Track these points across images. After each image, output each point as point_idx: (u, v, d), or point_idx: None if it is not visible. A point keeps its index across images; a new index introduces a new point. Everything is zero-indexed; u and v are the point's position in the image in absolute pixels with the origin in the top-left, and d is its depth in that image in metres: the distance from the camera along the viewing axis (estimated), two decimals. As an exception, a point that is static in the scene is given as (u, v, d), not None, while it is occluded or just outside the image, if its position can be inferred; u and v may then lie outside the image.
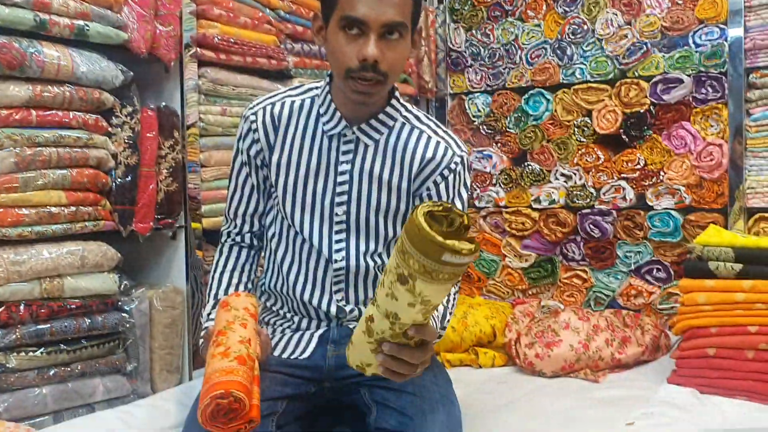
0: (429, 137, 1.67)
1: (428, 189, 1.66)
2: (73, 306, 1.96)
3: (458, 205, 1.66)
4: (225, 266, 1.76)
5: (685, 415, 1.83)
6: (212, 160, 2.38)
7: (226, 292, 1.72)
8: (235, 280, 1.75)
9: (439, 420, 1.49)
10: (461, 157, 1.67)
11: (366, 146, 1.65)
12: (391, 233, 1.68)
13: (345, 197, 1.65)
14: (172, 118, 2.20)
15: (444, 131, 1.70)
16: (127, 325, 2.08)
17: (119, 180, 2.08)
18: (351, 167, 1.65)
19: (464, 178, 1.68)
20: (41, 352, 1.90)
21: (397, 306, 1.20)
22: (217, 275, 1.76)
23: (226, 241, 1.79)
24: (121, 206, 2.08)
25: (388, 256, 1.70)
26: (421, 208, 1.12)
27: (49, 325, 1.91)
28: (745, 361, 1.98)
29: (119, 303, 2.08)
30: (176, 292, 2.25)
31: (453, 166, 1.65)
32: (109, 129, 2.05)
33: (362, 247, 1.67)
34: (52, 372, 1.93)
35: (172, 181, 2.20)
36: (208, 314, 1.69)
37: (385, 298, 1.20)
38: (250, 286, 1.77)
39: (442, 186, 1.65)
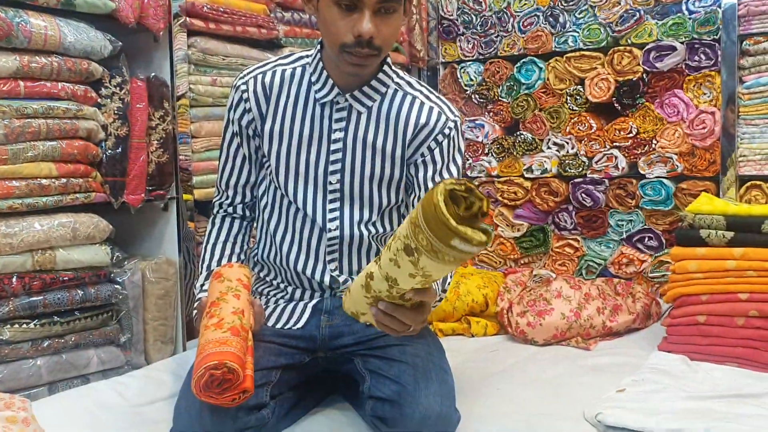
0: (422, 103, 1.66)
1: (423, 155, 1.65)
2: (65, 278, 1.96)
3: (453, 170, 1.67)
4: (217, 237, 1.76)
5: (675, 382, 1.85)
6: (203, 131, 2.37)
7: (218, 264, 1.72)
8: (227, 251, 1.75)
9: (432, 389, 1.50)
10: (455, 122, 1.67)
11: (359, 113, 1.64)
12: (385, 201, 1.68)
13: (339, 165, 1.65)
14: (162, 88, 2.18)
15: (437, 96, 1.70)
16: (120, 297, 2.09)
17: (110, 151, 2.06)
18: (344, 135, 1.64)
19: (458, 144, 1.68)
20: (35, 324, 1.90)
21: (398, 273, 1.21)
22: (209, 246, 1.76)
23: (218, 212, 1.79)
24: (112, 178, 2.07)
25: (382, 225, 1.70)
26: (443, 185, 1.11)
27: (42, 297, 1.91)
28: (735, 328, 2.00)
29: (112, 275, 2.09)
30: (169, 263, 2.25)
31: (447, 131, 1.65)
32: (99, 100, 2.04)
33: (356, 216, 1.67)
34: (45, 344, 1.93)
35: (162, 152, 2.19)
36: (201, 285, 1.70)
37: (388, 263, 1.22)
38: (242, 257, 1.77)
39: (436, 151, 1.65)
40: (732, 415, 1.62)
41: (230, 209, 1.78)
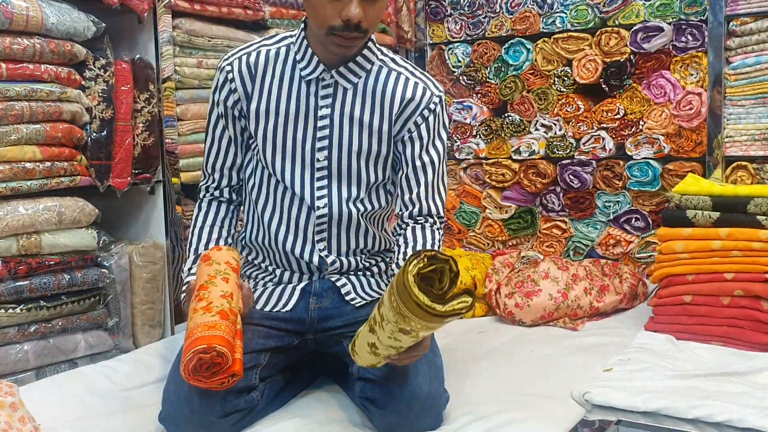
0: (407, 78, 1.67)
1: (409, 131, 1.66)
2: (51, 262, 1.94)
3: (438, 146, 1.68)
4: (204, 222, 1.75)
5: (661, 361, 1.87)
6: (189, 114, 2.35)
7: (206, 248, 1.71)
8: (215, 236, 1.74)
9: (421, 369, 1.51)
10: (440, 97, 1.68)
11: (345, 90, 1.65)
12: (373, 178, 1.68)
13: (326, 142, 1.65)
14: (147, 70, 2.16)
15: (421, 72, 1.71)
16: (107, 281, 2.07)
17: (94, 134, 2.04)
18: (331, 111, 1.65)
19: (443, 119, 1.70)
20: (21, 309, 1.89)
21: (400, 343, 1.34)
22: (196, 231, 1.75)
23: (204, 196, 1.78)
24: (98, 161, 2.06)
25: (371, 202, 1.71)
26: (411, 276, 1.21)
27: (28, 282, 1.90)
28: (720, 308, 2.02)
29: (98, 259, 2.07)
30: (156, 247, 2.24)
31: (432, 106, 1.66)
32: (83, 82, 2.01)
33: (344, 194, 1.67)
34: (32, 328, 1.92)
35: (148, 135, 2.17)
36: (189, 269, 1.69)
37: (387, 339, 1.32)
38: (230, 241, 1.76)
39: (423, 127, 1.66)
40: (717, 393, 1.64)
41: (216, 193, 1.77)
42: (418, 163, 1.66)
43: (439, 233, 1.66)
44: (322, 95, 1.65)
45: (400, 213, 1.68)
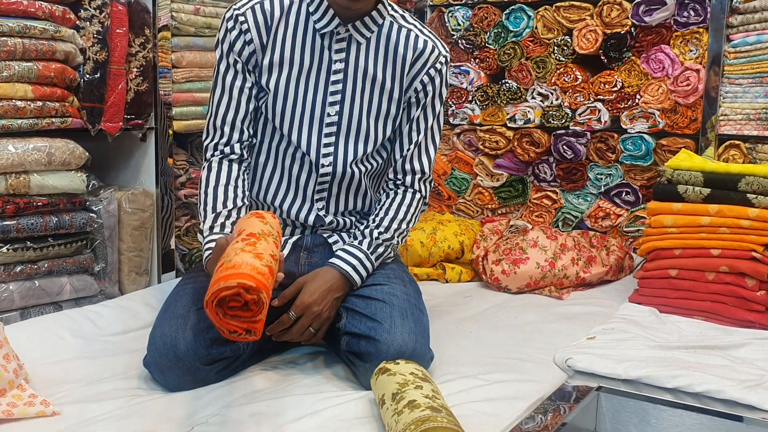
0: (417, 35, 1.69)
1: (416, 90, 1.68)
2: (39, 203, 1.93)
3: (437, 106, 1.72)
4: (218, 181, 1.63)
5: (643, 332, 1.89)
6: (184, 61, 2.32)
7: (224, 206, 1.61)
8: (231, 195, 1.63)
9: (408, 326, 1.51)
10: (446, 57, 1.72)
11: (359, 44, 1.65)
12: (380, 136, 1.69)
13: (338, 97, 1.64)
14: (143, 14, 2.13)
15: (429, 31, 1.73)
16: (95, 226, 2.06)
17: (87, 76, 2.02)
18: (345, 66, 1.64)
19: (446, 80, 1.74)
20: (7, 249, 1.88)
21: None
22: (210, 190, 1.62)
23: (213, 155, 1.66)
24: (90, 104, 2.03)
25: (375, 158, 1.72)
26: None
27: (15, 222, 1.89)
28: (705, 283, 2.03)
29: (87, 203, 2.06)
30: (146, 194, 2.23)
31: (438, 66, 1.69)
32: (77, 22, 1.98)
33: (350, 153, 1.66)
34: (18, 269, 1.91)
35: (142, 80, 2.14)
36: (211, 227, 1.59)
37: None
38: (246, 202, 1.66)
39: (429, 87, 1.69)
40: (697, 364, 1.66)
41: (227, 150, 1.66)
42: (413, 124, 1.71)
43: (419, 204, 1.72)
44: (336, 49, 1.64)
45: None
